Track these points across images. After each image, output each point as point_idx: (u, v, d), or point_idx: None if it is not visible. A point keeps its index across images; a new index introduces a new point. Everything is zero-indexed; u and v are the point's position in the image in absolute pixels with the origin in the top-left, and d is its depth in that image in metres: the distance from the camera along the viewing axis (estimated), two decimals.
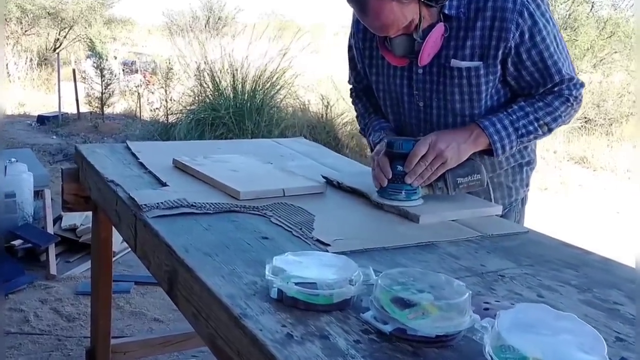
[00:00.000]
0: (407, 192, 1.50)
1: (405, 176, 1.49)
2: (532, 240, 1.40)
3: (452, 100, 1.60)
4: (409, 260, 1.22)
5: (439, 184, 1.53)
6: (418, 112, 1.67)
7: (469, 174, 1.54)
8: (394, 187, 1.50)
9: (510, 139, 1.55)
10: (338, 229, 1.35)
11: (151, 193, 1.51)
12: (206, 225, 1.33)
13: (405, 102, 1.68)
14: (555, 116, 1.57)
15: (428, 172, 1.49)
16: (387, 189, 1.51)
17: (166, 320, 3.03)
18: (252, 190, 1.52)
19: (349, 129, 6.38)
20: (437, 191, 1.53)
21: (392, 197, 1.51)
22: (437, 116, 1.64)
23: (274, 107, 6.32)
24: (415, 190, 1.51)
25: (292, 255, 1.06)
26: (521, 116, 1.56)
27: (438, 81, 1.60)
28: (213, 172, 1.65)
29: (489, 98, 1.59)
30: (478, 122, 1.56)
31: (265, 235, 1.30)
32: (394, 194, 1.50)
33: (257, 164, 1.82)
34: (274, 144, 2.23)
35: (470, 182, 1.54)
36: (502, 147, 1.55)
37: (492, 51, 1.51)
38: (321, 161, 1.99)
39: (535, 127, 1.56)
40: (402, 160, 1.49)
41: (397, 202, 1.50)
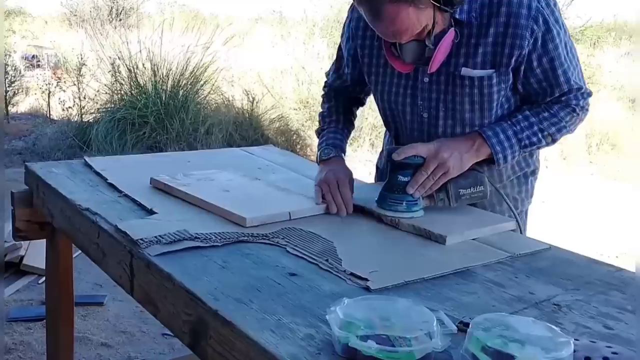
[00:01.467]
0: (408, 203, 1.43)
1: (406, 186, 1.42)
2: (559, 258, 1.34)
3: (461, 110, 1.51)
4: (456, 292, 1.12)
5: (440, 195, 1.46)
6: (421, 123, 1.57)
7: (472, 185, 1.47)
8: (394, 197, 1.43)
9: (513, 149, 1.49)
10: (366, 259, 1.23)
11: (142, 224, 1.32)
12: (221, 262, 1.17)
13: (407, 113, 1.58)
14: (560, 127, 1.52)
15: (430, 181, 1.42)
16: (387, 199, 1.44)
17: (115, 344, 2.79)
18: (258, 215, 1.37)
19: (277, 126, 6.23)
20: (439, 202, 1.46)
21: (392, 208, 1.44)
22: (443, 127, 1.54)
23: (198, 103, 6.07)
24: (416, 201, 1.44)
25: (352, 303, 0.93)
26: (525, 127, 1.49)
27: (446, 90, 1.50)
28: (206, 195, 1.48)
29: (498, 107, 1.52)
30: (480, 132, 1.48)
31: (292, 271, 1.15)
32: (394, 204, 1.43)
33: (246, 182, 1.67)
34: (245, 154, 2.07)
35: (473, 194, 1.47)
36: (504, 157, 1.49)
37: (505, 59, 1.43)
38: (305, 174, 1.85)
39: (539, 137, 1.50)
40: (402, 171, 1.42)
41: (397, 214, 1.43)
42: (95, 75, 6.49)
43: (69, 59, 7.07)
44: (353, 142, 6.08)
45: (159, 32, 6.06)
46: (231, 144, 6.08)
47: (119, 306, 3.08)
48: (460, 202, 1.45)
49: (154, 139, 5.73)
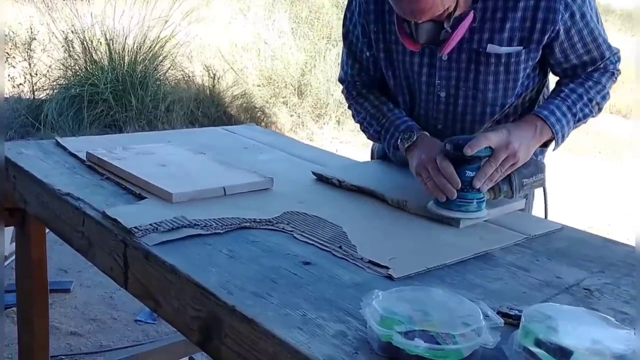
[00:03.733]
0: (479, 201, 1.27)
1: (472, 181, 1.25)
2: (574, 238, 1.29)
3: (484, 89, 1.42)
4: (482, 278, 1.05)
5: (504, 187, 1.31)
6: (438, 103, 1.47)
7: (534, 173, 1.36)
8: (463, 196, 1.25)
9: (569, 125, 1.40)
10: (380, 244, 1.15)
11: (134, 210, 1.21)
12: (227, 251, 1.07)
13: (422, 93, 1.47)
14: (605, 94, 1.45)
15: (497, 173, 1.27)
16: (455, 199, 1.25)
17: (85, 333, 2.65)
18: (187, 191, 1.29)
19: (241, 103, 6.07)
20: (501, 195, 1.32)
21: (462, 209, 1.26)
22: (462, 106, 1.45)
23: (157, 80, 5.85)
24: (484, 198, 1.29)
25: (387, 295, 0.85)
26: (576, 99, 1.41)
27: (468, 68, 1.41)
28: (138, 170, 1.37)
29: (520, 85, 1.44)
30: (537, 114, 1.37)
31: (306, 260, 1.06)
32: (463, 204, 1.25)
33: (189, 156, 1.56)
34: (228, 133, 1.95)
35: (534, 183, 1.37)
36: (562, 136, 1.40)
37: (536, 35, 1.34)
38: (292, 152, 1.76)
39: (590, 108, 1.43)
40: (470, 165, 1.25)
41: (468, 214, 1.26)
42: (47, 50, 6.18)
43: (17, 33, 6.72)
44: (319, 120, 5.99)
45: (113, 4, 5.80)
46: (193, 121, 5.91)
47: (86, 292, 2.94)
48: (522, 191, 1.35)
49: (112, 117, 5.50)
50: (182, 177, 1.37)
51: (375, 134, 1.54)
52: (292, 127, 5.90)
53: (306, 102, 6.04)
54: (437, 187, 1.26)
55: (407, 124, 1.47)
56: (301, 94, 6.09)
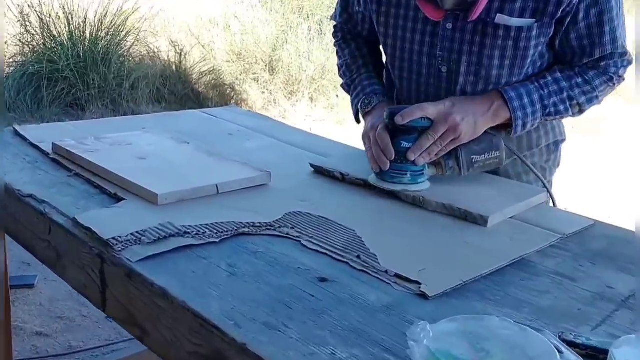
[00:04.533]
0: (413, 174, 1.21)
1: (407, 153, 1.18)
2: (611, 236, 1.14)
3: (488, 65, 1.26)
4: (526, 292, 0.90)
5: (449, 163, 1.23)
6: (439, 79, 1.31)
7: (486, 150, 1.24)
8: (397, 167, 1.20)
9: (535, 116, 1.26)
10: (402, 252, 0.99)
11: (110, 216, 1.02)
12: (226, 267, 0.90)
13: (422, 66, 1.32)
14: (592, 97, 1.29)
15: (436, 147, 1.19)
16: (389, 170, 1.20)
17: (52, 333, 2.45)
18: (175, 190, 1.10)
19: (209, 79, 5.82)
20: (448, 171, 1.24)
21: (395, 180, 1.21)
22: (462, 84, 1.30)
23: (121, 56, 5.57)
24: (422, 170, 1.21)
25: (437, 329, 0.69)
26: (554, 92, 1.26)
27: (472, 41, 1.25)
28: (114, 165, 1.19)
29: (531, 64, 1.28)
30: (502, 92, 1.25)
31: (321, 275, 0.90)
32: (397, 175, 1.20)
33: (172, 146, 1.37)
34: (208, 117, 1.76)
35: (487, 161, 1.25)
36: (523, 125, 1.26)
37: (551, 7, 1.19)
38: (283, 139, 1.58)
39: (566, 106, 1.28)
40: (407, 136, 1.19)
41: (400, 186, 1.20)
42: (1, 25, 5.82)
43: None
44: (291, 97, 5.78)
45: None
46: (159, 99, 5.66)
47: (52, 287, 2.72)
48: (472, 170, 1.23)
49: (74, 96, 5.21)
50: (166, 173, 1.18)
51: (346, 87, 1.49)
52: (264, 105, 5.69)
53: (278, 79, 5.82)
54: (373, 157, 1.22)
55: (374, 87, 1.40)
56: (272, 70, 5.87)
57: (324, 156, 1.44)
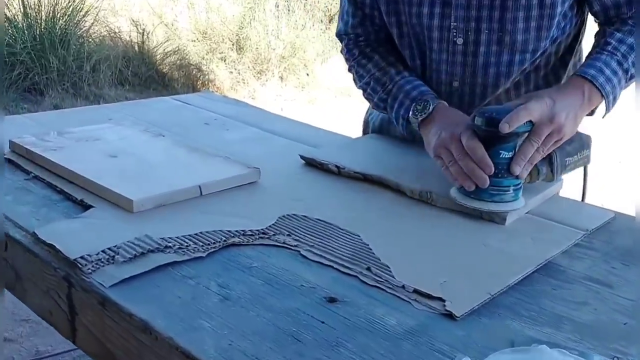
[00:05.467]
0: (515, 188, 1.01)
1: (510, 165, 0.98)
2: (637, 230, 1.04)
3: (512, 30, 1.12)
4: (562, 304, 0.79)
5: (543, 169, 1.05)
6: (453, 53, 1.17)
7: (578, 150, 1.09)
8: (497, 183, 0.99)
9: (621, 85, 1.11)
10: (417, 260, 0.87)
11: (78, 229, 0.88)
12: (217, 289, 0.77)
13: (434, 40, 1.17)
14: None
15: (538, 155, 1.01)
16: (487, 188, 0.99)
17: (17, 337, 2.29)
18: (152, 195, 0.96)
19: (174, 60, 5.60)
20: (540, 178, 1.06)
21: (497, 198, 0.99)
22: (484, 55, 1.16)
23: (80, 37, 5.31)
24: (521, 183, 1.02)
25: None
26: (626, 52, 1.11)
27: (492, 5, 1.11)
28: (81, 165, 1.04)
29: (556, 26, 1.15)
30: (582, 74, 1.09)
31: (329, 293, 0.77)
32: (497, 193, 0.99)
33: (145, 140, 1.21)
34: (182, 104, 1.61)
35: (578, 162, 1.10)
36: (614, 99, 1.11)
37: None
38: (266, 128, 1.44)
39: None
40: (505, 144, 0.98)
41: (503, 207, 1.00)
42: None
43: None
44: (260, 76, 5.61)
45: None
46: (122, 82, 5.43)
47: None
48: (564, 173, 1.09)
49: (31, 80, 4.96)
50: (141, 174, 1.04)
51: (381, 103, 1.25)
52: (232, 85, 5.51)
53: (246, 58, 5.63)
54: (463, 173, 0.99)
55: (420, 89, 1.18)
56: (240, 49, 5.68)
57: (313, 146, 1.31)
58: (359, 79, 1.28)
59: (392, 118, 1.23)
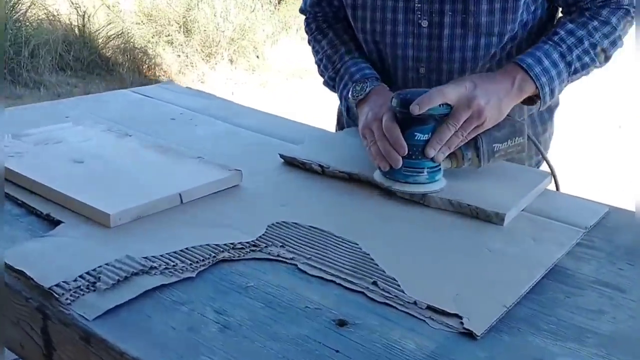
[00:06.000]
0: (430, 171, 1.01)
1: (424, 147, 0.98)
2: (635, 226, 1.02)
3: (476, 12, 1.09)
4: (580, 314, 0.75)
5: (468, 154, 1.04)
6: (418, 36, 1.14)
7: (508, 137, 1.06)
8: (411, 164, 0.99)
9: (561, 78, 1.09)
10: (423, 271, 0.82)
11: (47, 250, 0.79)
12: (214, 316, 0.69)
13: (399, 23, 1.14)
14: (614, 38, 1.12)
15: (457, 138, 1.00)
16: (401, 168, 0.99)
17: None
18: (128, 207, 0.87)
19: (117, 44, 5.39)
20: (466, 163, 1.05)
21: (410, 180, 1.00)
22: (449, 39, 1.12)
23: (17, 21, 5.04)
24: (439, 166, 1.02)
25: None
26: (573, 44, 1.09)
27: None
28: (44, 173, 0.94)
29: (524, 8, 1.11)
30: (518, 62, 1.07)
31: (337, 315, 0.71)
32: (411, 174, 1.00)
33: (112, 141, 1.11)
34: (142, 97, 1.50)
35: (510, 149, 1.08)
36: (551, 91, 1.08)
37: None
38: (237, 122, 1.36)
39: (591, 56, 1.10)
40: (422, 126, 0.98)
41: (416, 187, 1.00)
42: None
43: None
44: (209, 59, 5.45)
45: None
46: (63, 67, 5.20)
47: None
48: (492, 160, 1.06)
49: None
50: (113, 182, 0.94)
51: (330, 81, 1.26)
52: (180, 69, 5.34)
53: (194, 41, 5.47)
54: (380, 153, 1.00)
55: (364, 72, 1.18)
56: (188, 31, 5.50)
57: (291, 142, 1.23)
58: (314, 54, 1.30)
59: (339, 97, 1.24)
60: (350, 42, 1.24)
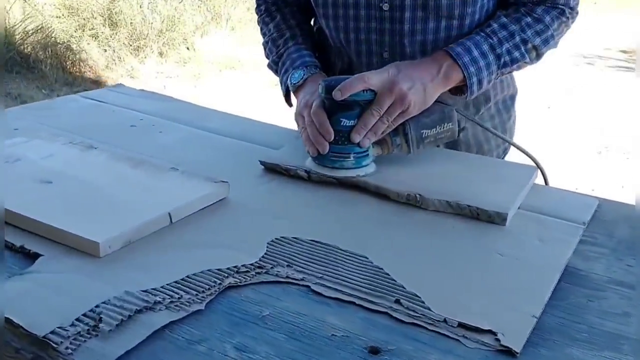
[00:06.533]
0: (357, 156, 1.02)
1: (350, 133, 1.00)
2: (629, 217, 1.01)
3: None
4: (606, 318, 0.73)
5: (396, 140, 1.05)
6: (380, 21, 1.12)
7: (437, 123, 1.06)
8: (337, 149, 1.02)
9: (490, 69, 1.09)
10: (440, 282, 0.78)
11: (35, 291, 0.70)
12: (235, 353, 0.63)
13: (361, 7, 1.12)
14: (547, 36, 1.13)
15: (383, 124, 1.01)
16: (328, 153, 1.02)
17: None
18: (117, 233, 0.78)
19: (38, 39, 5.09)
20: (395, 149, 1.06)
21: (337, 164, 1.02)
22: (410, 23, 1.11)
23: None
24: (367, 152, 1.03)
25: None
26: (504, 38, 1.09)
27: None
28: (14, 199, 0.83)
29: None
30: (448, 50, 1.07)
31: (368, 342, 0.66)
32: (338, 159, 1.02)
33: (76, 156, 1.01)
34: (91, 102, 1.39)
35: (439, 135, 1.08)
36: (478, 82, 1.08)
37: None
38: (203, 126, 1.28)
39: (522, 52, 1.11)
40: (347, 112, 1.00)
41: (343, 172, 1.02)
42: None
43: None
44: (138, 53, 5.25)
45: None
46: None
47: None
48: (422, 146, 1.06)
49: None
50: (91, 204, 0.85)
51: (273, 65, 1.26)
52: (107, 64, 5.12)
53: (120, 34, 5.24)
54: (309, 139, 1.03)
55: (304, 59, 1.18)
56: (113, 24, 5.27)
57: (265, 146, 1.17)
58: (262, 36, 1.29)
59: (280, 83, 1.23)
60: (296, 27, 1.24)
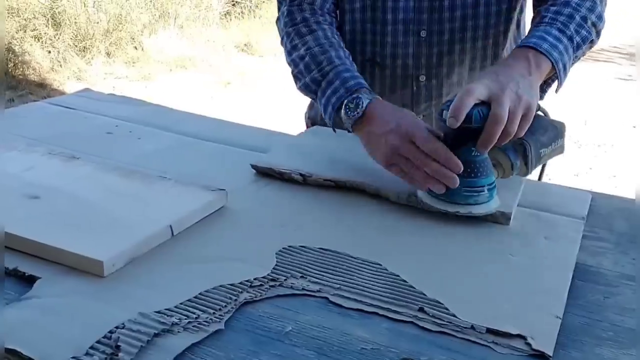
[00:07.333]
0: (490, 188, 0.91)
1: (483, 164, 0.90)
2: (625, 210, 1.02)
3: None
4: (625, 315, 0.73)
5: (517, 163, 0.96)
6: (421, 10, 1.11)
7: (552, 140, 1.00)
8: (469, 183, 0.89)
9: (568, 52, 1.03)
10: (460, 288, 0.76)
11: (38, 318, 0.64)
12: None
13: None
14: (599, 12, 1.08)
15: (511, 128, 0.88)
16: (461, 188, 0.89)
17: None
18: (119, 250, 0.73)
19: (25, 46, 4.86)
20: (514, 172, 0.97)
21: (471, 200, 0.90)
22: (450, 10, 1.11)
23: None
24: (494, 183, 0.92)
25: None
26: (565, 21, 1.04)
27: None
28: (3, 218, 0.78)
29: None
30: (525, 44, 1.00)
31: (399, 354, 0.63)
32: (470, 194, 0.89)
33: (59, 168, 0.95)
34: (60, 109, 1.32)
35: (553, 152, 1.02)
36: (564, 67, 1.02)
37: None
38: (184, 131, 1.23)
39: (587, 30, 1.06)
40: (472, 139, 0.87)
41: (482, 208, 0.90)
42: None
43: None
44: (84, 53, 5.08)
45: None
46: None
47: None
48: (538, 165, 1.00)
49: None
50: (87, 219, 0.80)
51: (313, 85, 1.08)
52: (53, 66, 4.93)
53: (65, 34, 5.06)
54: (429, 177, 0.89)
55: (357, 80, 1.04)
56: (57, 24, 5.08)
57: (251, 149, 1.14)
58: (292, 49, 1.13)
59: (320, 104, 1.08)
60: (340, 48, 1.10)
